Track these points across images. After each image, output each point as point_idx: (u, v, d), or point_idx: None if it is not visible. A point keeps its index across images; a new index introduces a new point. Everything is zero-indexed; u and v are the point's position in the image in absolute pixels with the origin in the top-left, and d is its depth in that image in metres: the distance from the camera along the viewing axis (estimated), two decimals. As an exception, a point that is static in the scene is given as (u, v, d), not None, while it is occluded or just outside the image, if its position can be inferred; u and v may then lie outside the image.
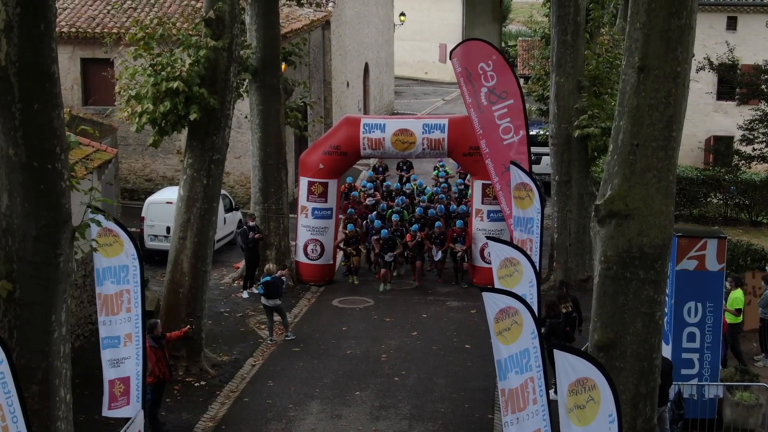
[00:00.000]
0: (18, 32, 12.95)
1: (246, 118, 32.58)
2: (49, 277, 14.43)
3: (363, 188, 32.69)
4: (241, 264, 28.14)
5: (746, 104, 36.26)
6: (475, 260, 27.61)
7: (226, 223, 30.42)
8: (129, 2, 35.52)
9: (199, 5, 32.82)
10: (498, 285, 18.96)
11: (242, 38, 24.74)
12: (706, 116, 41.41)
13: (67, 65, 34.68)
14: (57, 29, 14.09)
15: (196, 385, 21.21)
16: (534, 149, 28.23)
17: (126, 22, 33.77)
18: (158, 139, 22.07)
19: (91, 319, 23.18)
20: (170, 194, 28.29)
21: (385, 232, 27.78)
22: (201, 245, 21.94)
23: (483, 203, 27.49)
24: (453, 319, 25.57)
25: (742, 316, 21.81)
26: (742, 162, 34.86)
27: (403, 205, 30.42)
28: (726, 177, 34.83)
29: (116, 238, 17.14)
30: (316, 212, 28.05)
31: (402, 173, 35.04)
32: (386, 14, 57.21)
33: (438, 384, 21.35)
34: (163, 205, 28.83)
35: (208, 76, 21.26)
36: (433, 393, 20.80)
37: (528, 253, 19.95)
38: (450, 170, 35.34)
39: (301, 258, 28.21)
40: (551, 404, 13.80)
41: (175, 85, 20.73)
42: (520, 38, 68.42)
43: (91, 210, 15.42)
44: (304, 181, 28.23)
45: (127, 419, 16.52)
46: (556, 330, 20.22)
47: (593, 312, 15.64)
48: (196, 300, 22.02)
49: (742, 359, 20.74)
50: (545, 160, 33.88)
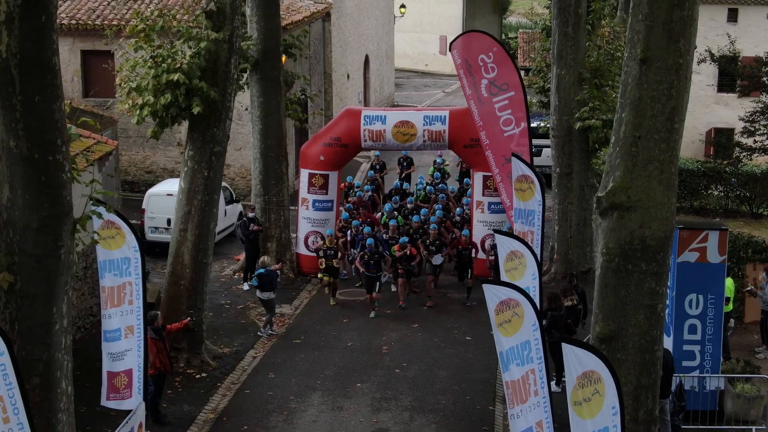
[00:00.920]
0: (19, 24, 12.93)
1: (246, 110, 32.56)
2: (50, 269, 14.43)
3: (358, 189, 31.01)
4: (242, 256, 28.14)
5: (747, 96, 36.21)
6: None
7: (227, 215, 30.40)
8: (129, -6, 35.45)
9: (199, -3, 32.74)
10: (504, 278, 18.98)
11: (243, 30, 24.71)
12: (707, 108, 41.37)
13: (68, 57, 34.62)
14: (57, 21, 14.05)
15: (198, 376, 21.23)
16: (535, 141, 28.17)
17: (126, 13, 33.71)
18: (158, 131, 22.05)
19: (92, 311, 23.18)
20: (171, 186, 28.29)
21: (371, 241, 25.27)
22: (202, 237, 21.93)
23: (484, 195, 27.48)
24: (454, 311, 25.58)
25: (732, 305, 21.76)
26: (743, 154, 34.82)
27: (391, 211, 28.57)
28: (727, 169, 34.81)
29: (118, 230, 17.12)
30: (316, 204, 28.03)
31: (402, 169, 34.50)
32: (386, 6, 57.12)
33: (439, 376, 21.35)
34: (164, 197, 28.82)
35: (209, 68, 21.23)
36: (434, 385, 20.81)
37: (530, 245, 19.94)
38: (449, 169, 34.48)
39: (302, 250, 28.20)
40: (553, 396, 13.80)
41: (175, 77, 20.69)
42: (520, 30, 68.25)
43: (92, 202, 15.41)
44: (304, 173, 28.21)
45: (129, 411, 16.50)
46: (557, 323, 20.21)
47: (595, 304, 15.64)
48: (197, 292, 22.02)
49: (727, 350, 20.71)
50: (546, 152, 33.85)
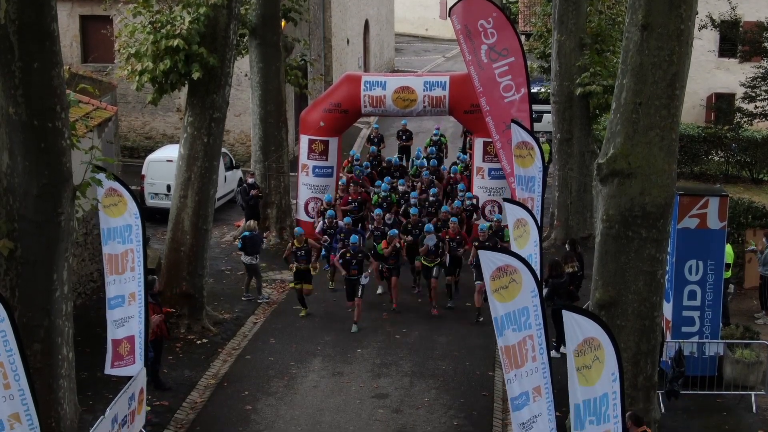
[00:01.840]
0: (17, -10, 12.88)
1: (246, 75, 32.47)
2: (50, 235, 14.46)
3: (356, 165, 29.44)
4: (242, 222, 28.13)
5: (748, 62, 36.07)
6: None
7: (227, 181, 30.38)
8: (128, -42, 35.23)
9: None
10: (514, 245, 18.99)
11: (242, -5, 24.57)
12: (708, 73, 41.20)
13: (66, 22, 34.48)
14: (56, -14, 13.97)
15: (198, 342, 21.28)
16: (535, 107, 28.06)
17: (125, -22, 33.52)
18: (157, 97, 21.98)
19: (92, 277, 23.22)
20: (170, 152, 28.25)
21: (355, 238, 22.65)
22: (202, 204, 21.92)
23: (484, 161, 27.41)
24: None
25: (731, 271, 21.78)
26: (744, 119, 34.74)
27: (386, 194, 26.64)
28: (727, 134, 34.75)
29: (120, 197, 17.13)
30: (316, 170, 27.98)
31: (402, 142, 33.83)
32: (387, -31, 56.85)
33: (439, 342, 21.42)
34: (164, 163, 28.80)
35: (208, 33, 21.12)
36: (433, 350, 20.86)
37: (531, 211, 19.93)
38: (445, 140, 33.76)
39: (302, 216, 28.18)
40: (552, 362, 13.83)
41: (174, 43, 20.59)
42: (521, -6, 67.96)
43: (92, 169, 15.40)
44: (304, 139, 28.14)
45: (130, 377, 16.58)
46: (558, 290, 20.24)
47: (595, 271, 15.69)
48: (198, 258, 22.03)
49: (727, 315, 20.74)
50: (546, 117, 33.78)
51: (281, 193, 28.33)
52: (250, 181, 27.30)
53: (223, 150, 27.26)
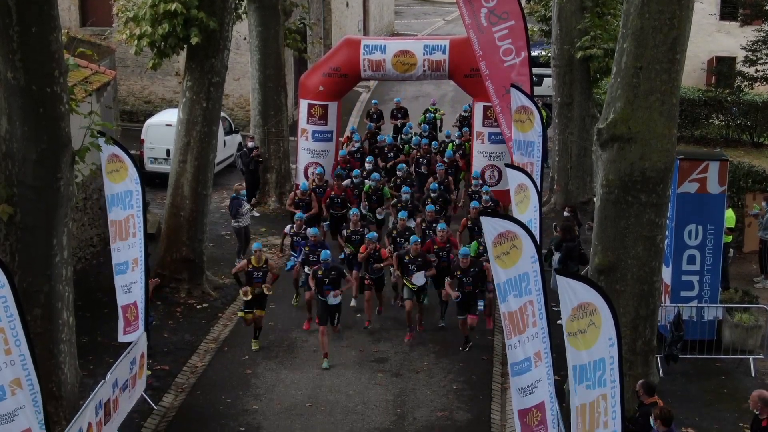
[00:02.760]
0: (14, -47, 12.80)
1: (245, 39, 32.32)
2: (49, 201, 14.48)
3: (351, 141, 28.37)
4: (243, 186, 28.07)
5: (749, 25, 35.88)
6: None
7: (226, 145, 30.31)
8: None
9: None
10: (515, 211, 18.98)
11: (240, -42, 24.43)
12: (709, 37, 41.00)
13: (64, -15, 34.28)
14: (53, -51, 13.87)
15: (198, 307, 21.33)
16: (535, 71, 27.95)
17: (123, -59, 33.28)
18: (158, 62, 21.89)
19: (92, 242, 23.23)
20: (169, 116, 28.17)
21: (326, 254, 19.11)
22: (201, 168, 21.89)
23: (484, 125, 27.35)
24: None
25: (731, 236, 21.78)
26: (745, 83, 34.63)
27: (376, 185, 24.48)
28: (728, 98, 34.65)
29: (122, 163, 17.16)
30: (316, 135, 27.92)
31: (396, 121, 31.99)
32: (386, -69, 56.42)
33: (439, 307, 21.39)
34: (163, 127, 28.73)
35: (207, -3, 21.01)
36: (433, 316, 20.88)
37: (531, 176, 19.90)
38: (440, 116, 32.23)
39: (302, 181, 28.14)
40: (552, 327, 13.86)
41: (173, 6, 20.46)
42: (521, -43, 67.55)
43: (91, 134, 15.38)
44: (303, 104, 28.06)
45: (130, 343, 16.65)
46: (571, 253, 20.24)
47: (594, 236, 15.69)
48: (197, 223, 22.03)
49: (726, 279, 20.77)
50: (547, 81, 33.65)
51: (280, 158, 28.29)
52: (250, 144, 27.25)
53: (223, 114, 27.18)
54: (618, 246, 15.17)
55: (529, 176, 19.35)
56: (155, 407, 17.10)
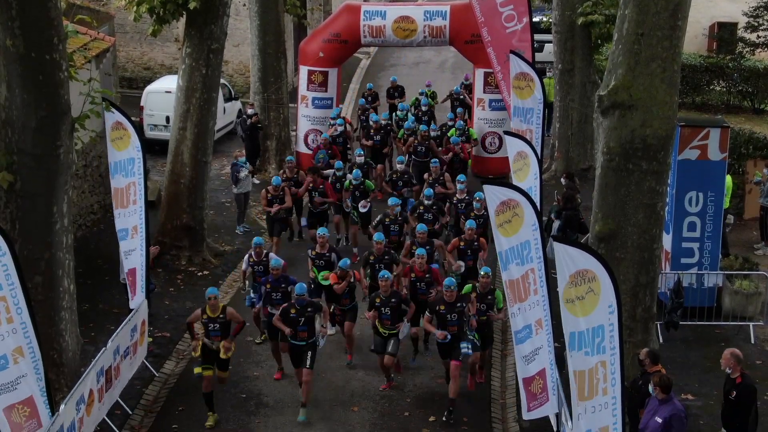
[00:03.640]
0: None
1: (244, 5, 32.19)
2: (49, 168, 14.49)
3: (332, 125, 26.65)
4: (243, 153, 28.03)
5: (752, -10, 35.70)
6: (475, 150, 27.41)
7: (226, 112, 30.24)
8: None
9: None
10: (513, 178, 18.95)
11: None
12: (710, 2, 40.74)
13: (62, -49, 34.03)
14: None
15: (199, 274, 21.35)
16: (536, 36, 27.80)
17: None
18: (158, 29, 21.77)
19: (92, 209, 23.22)
20: (169, 83, 28.07)
21: (302, 288, 15.85)
22: (201, 136, 21.83)
23: (485, 92, 27.26)
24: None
25: (729, 202, 21.77)
26: (746, 49, 34.49)
27: (358, 182, 22.07)
28: (729, 64, 34.51)
29: (125, 131, 17.17)
30: (316, 102, 27.83)
31: (392, 100, 30.77)
32: None
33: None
34: (162, 94, 28.65)
35: (206, -38, 20.90)
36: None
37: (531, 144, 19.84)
38: (433, 102, 29.91)
39: (302, 148, 28.10)
40: (552, 295, 13.88)
41: (172, -28, 20.37)
42: None
43: (91, 100, 15.34)
44: (303, 70, 27.96)
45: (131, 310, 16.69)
46: (571, 221, 20.24)
47: (594, 203, 15.67)
48: (197, 190, 22.01)
49: (726, 246, 20.77)
50: (548, 47, 33.51)
51: (281, 125, 28.22)
52: (249, 111, 27.16)
53: (222, 81, 27.10)
54: (618, 213, 15.16)
55: (529, 143, 19.30)
56: (156, 374, 17.15)
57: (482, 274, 16.35)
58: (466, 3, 26.86)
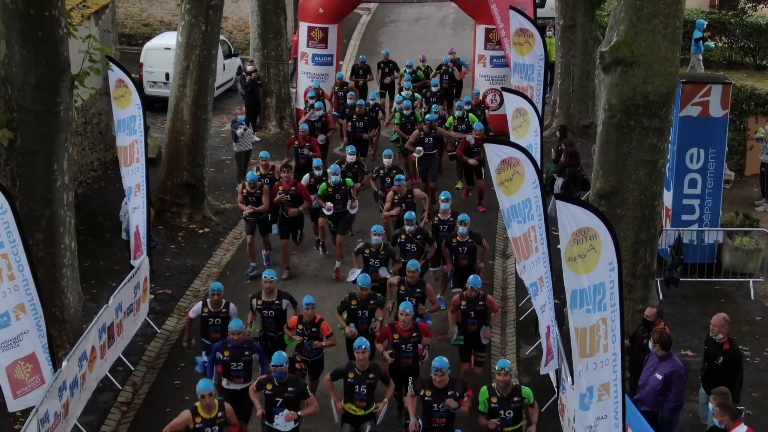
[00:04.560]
0: None
1: (244, -40, 31.96)
2: (49, 125, 14.47)
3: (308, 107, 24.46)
4: (243, 110, 27.94)
5: (754, -56, 35.44)
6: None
7: (226, 69, 30.12)
8: None
9: None
10: (512, 136, 18.88)
11: None
12: (713, -43, 40.56)
13: None
14: None
15: (200, 231, 21.37)
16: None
17: None
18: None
19: (92, 166, 23.21)
20: (169, 40, 27.93)
21: (280, 357, 12.68)
22: (201, 93, 21.75)
23: (486, 49, 27.14)
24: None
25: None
26: (749, 5, 34.27)
27: (337, 181, 19.12)
28: (731, 20, 34.31)
29: (126, 88, 17.15)
30: (316, 59, 27.70)
31: (383, 76, 28.16)
32: None
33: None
34: (162, 50, 28.52)
35: None
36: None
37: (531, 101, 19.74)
38: (422, 73, 27.82)
39: (302, 105, 28.02)
40: (553, 251, 13.91)
41: (170, -73, 20.22)
42: None
43: (90, 57, 15.27)
44: (303, 27, 27.82)
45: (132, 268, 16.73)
46: (575, 178, 20.22)
47: (596, 160, 15.65)
48: (198, 148, 21.97)
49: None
50: (549, 2, 33.33)
51: (280, 82, 28.11)
52: (249, 68, 27.04)
53: (222, 38, 26.96)
54: (619, 171, 15.14)
55: (529, 100, 19.21)
56: (158, 331, 17.23)
57: (498, 369, 12.60)
58: (467, -42, 26.69)
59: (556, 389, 14.37)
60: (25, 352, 12.61)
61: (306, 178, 19.70)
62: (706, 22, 30.46)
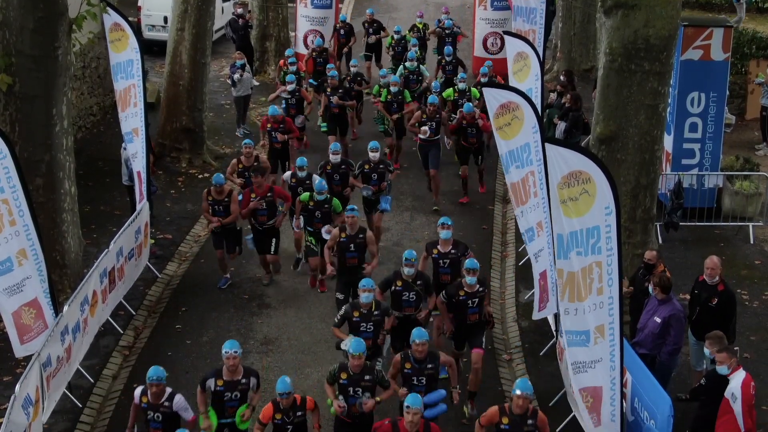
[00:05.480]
0: None
1: None
2: (48, 70, 14.42)
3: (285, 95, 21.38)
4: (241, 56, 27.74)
5: None
6: (477, 51, 27.17)
7: (224, 12, 29.88)
8: None
9: None
10: (512, 80, 18.77)
11: None
12: None
13: None
14: None
15: (200, 177, 21.36)
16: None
17: None
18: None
19: (91, 110, 23.14)
20: (167, -17, 27.71)
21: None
22: (199, 37, 21.61)
23: (486, -9, 26.95)
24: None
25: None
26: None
27: (322, 198, 16.11)
28: (734, -38, 34.04)
29: (123, 32, 17.03)
30: (315, 2, 27.46)
31: (368, 35, 26.54)
32: None
33: (440, 176, 21.28)
34: (160, -7, 28.31)
35: None
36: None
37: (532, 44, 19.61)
38: (421, 25, 26.26)
39: (301, 49, 27.81)
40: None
41: None
42: None
43: (87, 1, 15.18)
44: (302, -30, 27.55)
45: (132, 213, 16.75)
46: (577, 122, 20.16)
47: (596, 105, 15.58)
48: (197, 92, 21.88)
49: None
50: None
51: (279, 26, 27.91)
52: (239, 11, 26.62)
53: (220, -20, 26.73)
54: (620, 115, 15.08)
55: (530, 44, 19.08)
56: (159, 275, 17.29)
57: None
58: None
59: (554, 333, 14.46)
60: (29, 297, 12.69)
61: (287, 177, 17.32)
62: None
